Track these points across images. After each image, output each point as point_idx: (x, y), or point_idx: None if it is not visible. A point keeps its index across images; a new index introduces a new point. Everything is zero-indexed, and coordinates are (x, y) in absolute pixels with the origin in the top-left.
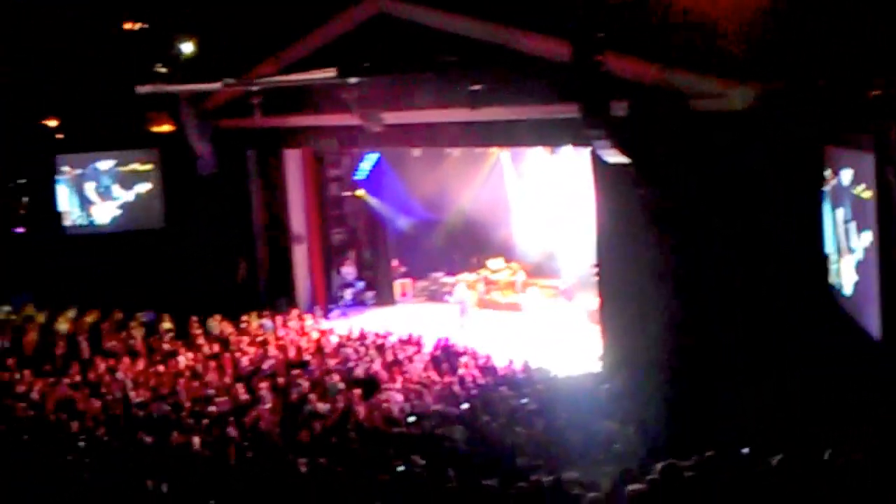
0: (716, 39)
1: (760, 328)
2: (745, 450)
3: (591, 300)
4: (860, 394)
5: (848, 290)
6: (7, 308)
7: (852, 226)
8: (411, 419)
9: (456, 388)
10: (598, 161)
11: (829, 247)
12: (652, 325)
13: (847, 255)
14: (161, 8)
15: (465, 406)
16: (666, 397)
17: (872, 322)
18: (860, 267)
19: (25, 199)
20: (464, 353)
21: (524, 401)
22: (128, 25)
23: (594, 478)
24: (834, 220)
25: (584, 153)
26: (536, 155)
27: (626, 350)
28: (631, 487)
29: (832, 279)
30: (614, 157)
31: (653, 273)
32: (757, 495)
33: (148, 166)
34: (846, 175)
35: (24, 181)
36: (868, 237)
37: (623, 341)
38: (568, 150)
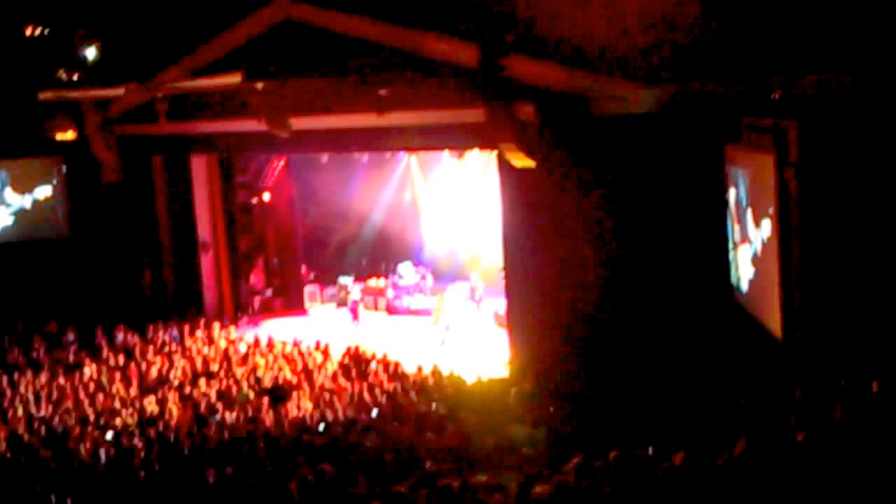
0: (620, 43)
1: (666, 326)
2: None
3: (499, 304)
4: (761, 392)
5: (744, 285)
6: None
7: (749, 213)
8: (321, 427)
9: (366, 394)
10: (504, 165)
11: (730, 238)
12: (558, 328)
13: (745, 244)
14: (64, 12)
15: (374, 412)
16: (574, 399)
17: (772, 320)
18: (755, 260)
19: None
20: (373, 360)
21: (433, 406)
22: (29, 30)
23: (502, 482)
24: (731, 205)
25: (491, 157)
26: (444, 159)
27: (533, 353)
28: (537, 490)
29: (732, 276)
30: (520, 161)
31: (558, 276)
32: (661, 494)
33: (45, 171)
34: (744, 173)
35: None
36: (767, 227)
37: (531, 344)
38: (475, 155)
